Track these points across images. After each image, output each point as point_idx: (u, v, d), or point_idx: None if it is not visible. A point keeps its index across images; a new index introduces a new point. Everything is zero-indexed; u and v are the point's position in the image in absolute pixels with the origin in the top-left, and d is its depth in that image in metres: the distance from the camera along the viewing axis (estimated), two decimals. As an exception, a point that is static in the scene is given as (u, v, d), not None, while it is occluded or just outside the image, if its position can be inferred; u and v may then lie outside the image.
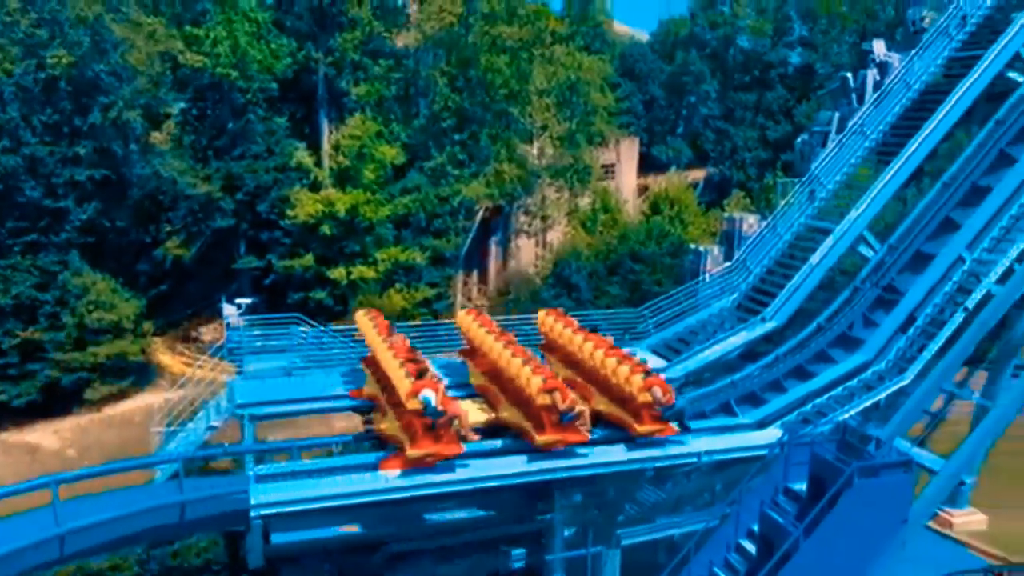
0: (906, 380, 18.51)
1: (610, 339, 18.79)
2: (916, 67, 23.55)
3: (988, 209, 20.39)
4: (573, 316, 20.28)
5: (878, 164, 23.43)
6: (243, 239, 48.06)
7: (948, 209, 21.32)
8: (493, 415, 17.20)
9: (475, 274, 55.20)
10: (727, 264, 23.89)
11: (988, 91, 22.57)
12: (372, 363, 18.83)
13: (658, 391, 16.24)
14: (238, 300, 21.64)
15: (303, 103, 49.54)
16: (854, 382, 19.04)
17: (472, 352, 19.63)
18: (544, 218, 53.37)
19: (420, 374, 15.94)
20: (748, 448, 17.19)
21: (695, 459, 16.97)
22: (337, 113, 49.18)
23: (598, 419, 16.90)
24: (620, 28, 72.86)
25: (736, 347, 21.76)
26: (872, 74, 24.83)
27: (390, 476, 15.34)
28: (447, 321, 21.68)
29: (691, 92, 69.07)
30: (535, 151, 50.51)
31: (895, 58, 24.42)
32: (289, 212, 45.91)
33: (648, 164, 66.37)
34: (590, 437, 16.24)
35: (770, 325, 21.76)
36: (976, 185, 21.15)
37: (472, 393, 18.45)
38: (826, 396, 18.83)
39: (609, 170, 60.13)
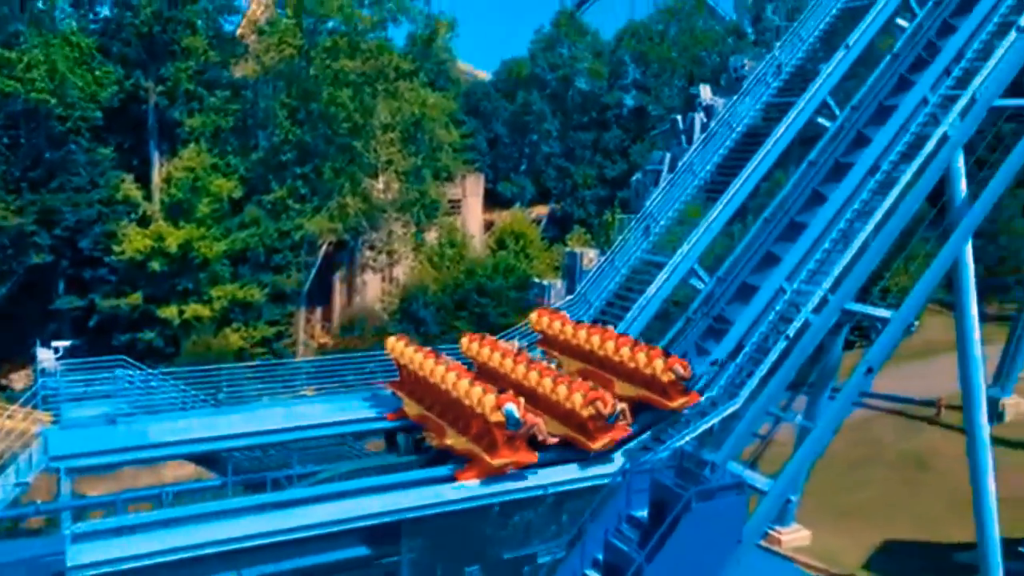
0: (737, 405, 19.37)
1: (612, 329, 20.38)
2: (738, 111, 25.13)
3: (804, 244, 21.84)
4: None
5: (707, 201, 24.70)
6: (63, 277, 44.65)
7: (769, 244, 22.65)
8: None
9: (318, 311, 53.88)
10: (569, 297, 24.36)
11: (801, 134, 24.41)
12: (411, 385, 18.98)
13: (679, 368, 18.27)
14: (55, 343, 19.84)
15: (132, 133, 47.01)
16: (689, 408, 19.76)
17: (481, 375, 19.42)
18: (390, 253, 52.89)
19: (501, 389, 16.75)
20: (592, 478, 17.43)
21: (542, 491, 17.10)
22: (169, 145, 46.94)
23: None
24: (463, 67, 74.00)
25: (580, 378, 22.17)
26: (699, 117, 26.29)
27: (469, 486, 16.06)
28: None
29: (533, 131, 71.07)
30: (380, 185, 50.08)
31: (720, 102, 25.98)
32: (115, 248, 43.15)
33: (493, 200, 67.48)
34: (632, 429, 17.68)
35: (611, 356, 22.27)
36: (794, 221, 22.63)
37: None
38: (664, 423, 19.43)
39: (455, 205, 60.57)
